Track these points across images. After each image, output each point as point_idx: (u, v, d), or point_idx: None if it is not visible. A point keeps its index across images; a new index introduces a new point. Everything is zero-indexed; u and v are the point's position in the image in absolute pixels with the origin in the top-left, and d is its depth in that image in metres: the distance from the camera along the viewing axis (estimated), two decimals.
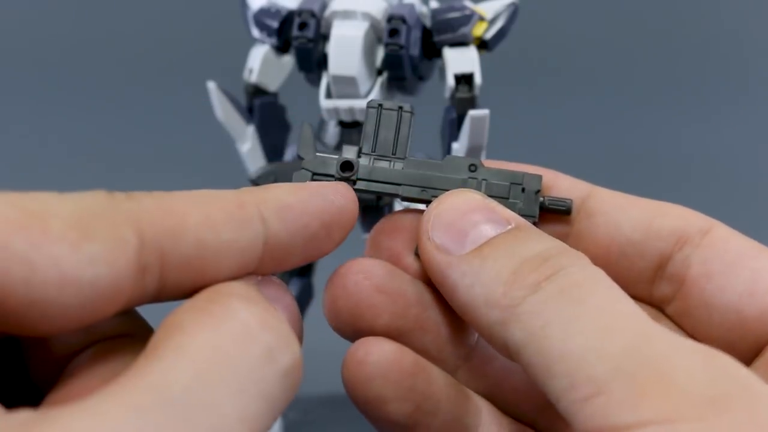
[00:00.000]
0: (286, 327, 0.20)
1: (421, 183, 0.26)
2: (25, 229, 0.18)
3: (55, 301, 0.18)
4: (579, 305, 0.21)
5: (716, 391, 0.19)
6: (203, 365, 0.18)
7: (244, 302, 0.20)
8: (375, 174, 0.26)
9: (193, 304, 0.20)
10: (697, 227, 0.25)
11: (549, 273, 0.22)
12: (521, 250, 0.23)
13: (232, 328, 0.19)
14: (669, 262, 0.26)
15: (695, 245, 0.25)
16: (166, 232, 0.20)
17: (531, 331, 0.21)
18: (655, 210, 0.26)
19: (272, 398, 0.19)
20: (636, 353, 0.19)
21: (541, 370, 0.20)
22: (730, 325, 0.25)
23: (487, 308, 0.22)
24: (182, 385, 0.17)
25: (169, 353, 0.18)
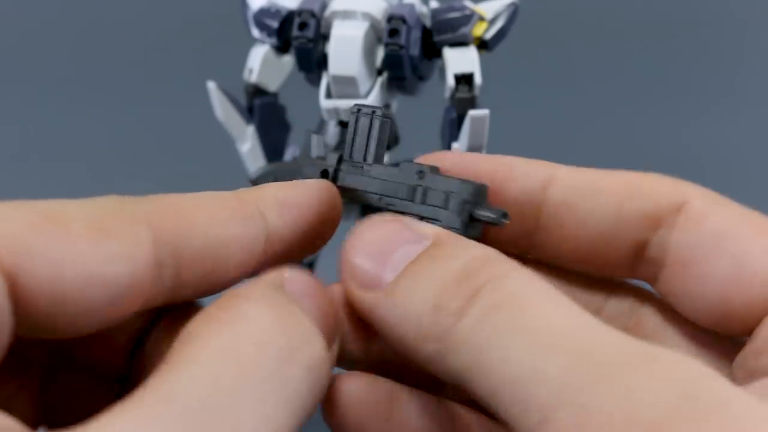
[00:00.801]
0: (306, 323, 0.20)
1: (380, 191, 0.26)
2: (47, 231, 0.18)
3: (82, 298, 0.19)
4: (509, 325, 0.20)
5: (657, 413, 0.17)
6: (218, 372, 0.17)
7: (256, 304, 0.19)
8: (348, 182, 0.26)
9: (205, 312, 0.19)
10: (668, 203, 0.24)
11: (469, 294, 0.20)
12: (439, 272, 0.21)
13: (245, 332, 0.19)
14: (647, 246, 0.24)
15: (669, 226, 0.24)
16: (178, 229, 0.21)
17: (469, 359, 0.20)
18: (623, 192, 0.24)
19: (296, 398, 0.18)
20: (576, 375, 0.18)
21: (490, 398, 0.19)
22: (715, 313, 0.23)
23: (420, 343, 0.21)
24: (198, 394, 0.17)
25: (182, 364, 0.18)
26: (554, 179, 0.25)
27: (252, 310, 0.19)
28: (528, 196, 0.25)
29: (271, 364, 0.18)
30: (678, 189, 0.24)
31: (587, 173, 0.25)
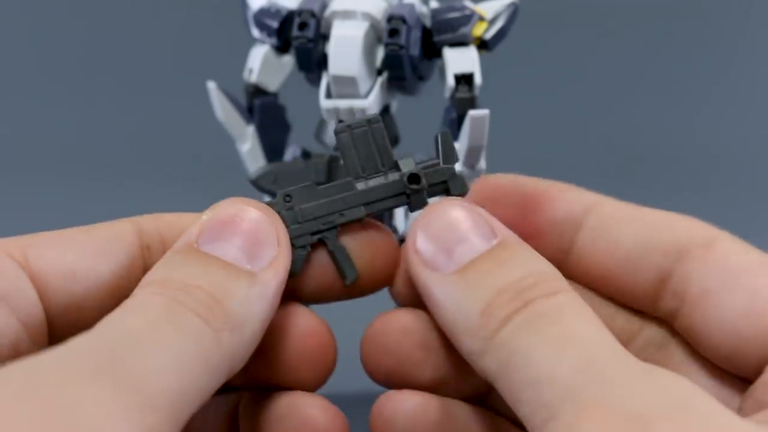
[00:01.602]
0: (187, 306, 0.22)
1: (362, 200, 0.26)
2: (49, 235, 0.25)
3: (90, 270, 0.24)
4: (539, 334, 0.21)
5: (652, 409, 0.19)
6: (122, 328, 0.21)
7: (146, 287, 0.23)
8: (306, 214, 0.26)
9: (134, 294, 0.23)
10: (699, 241, 0.25)
11: (520, 305, 0.22)
12: (501, 276, 0.23)
13: (138, 305, 0.22)
14: (670, 277, 0.25)
15: (696, 261, 0.24)
16: (161, 223, 0.26)
17: (501, 362, 0.22)
18: (658, 223, 0.25)
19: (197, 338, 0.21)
20: (581, 376, 0.20)
21: (510, 398, 0.21)
22: (730, 345, 0.24)
23: (467, 336, 0.23)
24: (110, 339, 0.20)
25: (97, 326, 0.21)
26: (596, 205, 0.26)
27: (150, 307, 0.22)
28: (570, 217, 0.26)
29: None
30: (709, 230, 0.25)
31: (627, 206, 0.26)
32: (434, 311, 0.24)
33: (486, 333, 0.22)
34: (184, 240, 0.24)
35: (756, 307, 0.23)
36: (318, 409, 0.25)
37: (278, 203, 0.26)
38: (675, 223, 0.25)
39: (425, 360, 0.26)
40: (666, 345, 0.26)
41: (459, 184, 0.27)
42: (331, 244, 0.26)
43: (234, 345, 0.22)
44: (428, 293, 0.24)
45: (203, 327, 0.21)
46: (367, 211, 0.26)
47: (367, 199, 0.26)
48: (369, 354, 0.26)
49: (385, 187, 0.26)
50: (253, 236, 0.24)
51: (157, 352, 0.20)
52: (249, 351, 0.23)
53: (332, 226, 0.26)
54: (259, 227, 0.25)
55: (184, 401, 0.20)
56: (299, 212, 0.26)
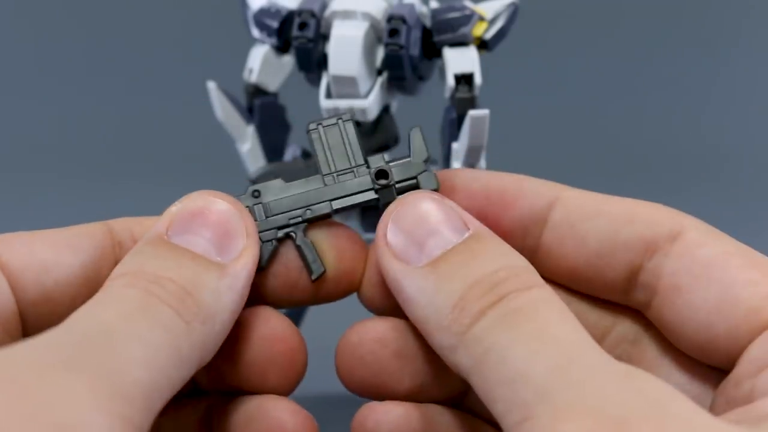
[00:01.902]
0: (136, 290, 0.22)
1: (331, 196, 0.26)
2: (18, 234, 0.25)
3: (59, 263, 0.25)
4: (514, 331, 0.21)
5: (627, 410, 0.19)
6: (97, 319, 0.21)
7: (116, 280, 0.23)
8: (274, 209, 0.26)
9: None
10: (666, 232, 0.24)
11: (493, 300, 0.22)
12: (473, 269, 0.23)
13: (113, 296, 0.22)
14: (641, 271, 0.25)
15: (664, 253, 0.24)
16: (132, 221, 0.26)
17: (474, 357, 0.21)
18: (623, 216, 0.25)
19: (169, 327, 0.21)
20: (558, 377, 0.20)
21: (484, 395, 0.21)
22: (700, 340, 0.24)
23: (439, 332, 0.22)
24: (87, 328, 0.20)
25: (73, 317, 0.21)
26: (560, 199, 0.26)
27: (115, 296, 0.22)
28: (534, 214, 0.26)
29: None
30: (676, 219, 0.25)
31: (591, 197, 0.26)
32: (405, 306, 0.24)
33: (459, 328, 0.22)
34: (154, 232, 0.24)
35: (726, 303, 0.23)
36: (287, 412, 0.25)
37: (246, 198, 0.26)
38: (640, 214, 0.25)
39: (402, 370, 0.25)
40: (639, 340, 0.26)
41: (430, 180, 0.26)
42: (298, 238, 0.26)
43: (205, 336, 0.22)
44: (399, 288, 0.24)
45: (175, 318, 0.22)
46: (336, 207, 0.26)
47: (336, 195, 0.26)
48: (344, 366, 0.26)
49: (354, 184, 0.26)
50: (222, 228, 0.24)
51: (131, 343, 0.20)
52: (219, 342, 0.23)
53: (300, 221, 0.26)
54: (228, 219, 0.25)
55: (156, 391, 0.20)
56: (267, 207, 0.26)
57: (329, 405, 0.53)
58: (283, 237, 0.26)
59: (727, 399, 0.23)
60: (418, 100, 0.44)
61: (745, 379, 0.22)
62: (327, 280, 0.26)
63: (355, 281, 0.27)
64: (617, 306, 0.26)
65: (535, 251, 0.26)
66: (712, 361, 0.24)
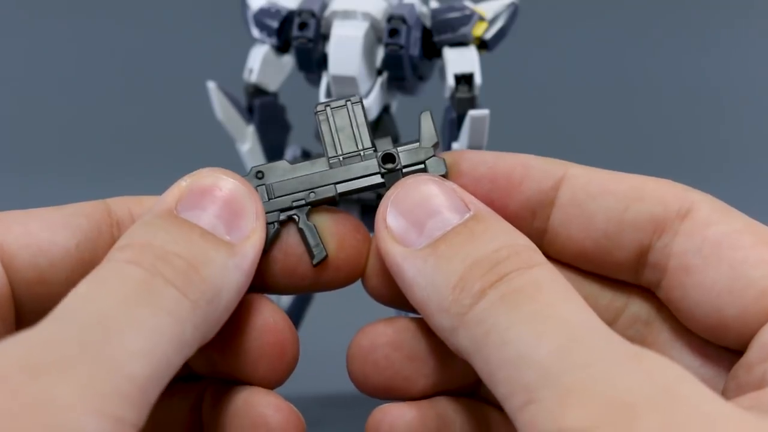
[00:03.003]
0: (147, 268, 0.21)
1: (336, 179, 0.26)
2: (19, 212, 0.25)
3: (53, 243, 0.24)
4: (516, 311, 0.21)
5: (636, 397, 0.18)
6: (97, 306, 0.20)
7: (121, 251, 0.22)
8: (278, 190, 0.26)
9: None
10: (675, 210, 0.24)
11: (494, 279, 0.21)
12: (474, 249, 0.22)
13: (112, 273, 0.21)
14: (650, 250, 0.24)
15: (674, 233, 0.24)
16: (131, 200, 0.26)
17: (476, 339, 0.21)
18: (631, 194, 0.24)
19: (170, 310, 0.21)
20: (563, 359, 0.19)
21: (486, 377, 0.21)
22: (711, 323, 0.23)
23: (439, 314, 0.22)
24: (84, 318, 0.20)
25: (68, 301, 0.21)
26: (566, 178, 0.25)
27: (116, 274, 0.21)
28: (541, 195, 0.25)
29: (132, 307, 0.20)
30: (686, 196, 0.24)
31: (598, 173, 0.25)
32: (406, 290, 0.23)
33: (459, 308, 0.21)
34: (163, 205, 0.24)
35: (737, 284, 0.22)
36: (271, 408, 0.24)
37: (249, 178, 0.26)
38: (649, 191, 0.24)
39: (417, 371, 0.25)
40: (652, 321, 0.26)
41: (438, 166, 0.26)
42: (301, 221, 0.25)
43: (209, 315, 0.22)
44: (399, 271, 0.23)
45: (180, 298, 0.21)
46: (341, 191, 0.26)
47: (341, 178, 0.26)
48: (357, 371, 0.25)
49: (360, 167, 0.26)
50: (232, 207, 0.24)
51: (131, 334, 0.19)
52: (222, 322, 0.23)
53: (303, 204, 0.26)
54: (238, 198, 0.24)
55: (155, 381, 0.20)
56: (270, 188, 0.26)
57: (329, 405, 0.53)
58: (286, 219, 0.26)
59: (738, 383, 0.22)
60: (418, 100, 0.44)
61: (756, 364, 0.22)
62: (328, 266, 0.26)
63: (357, 269, 0.26)
64: (629, 286, 0.26)
65: (543, 233, 0.25)
66: (724, 343, 0.23)
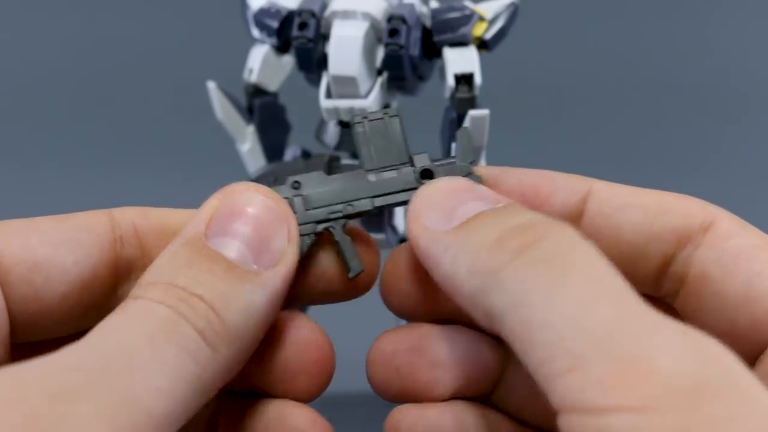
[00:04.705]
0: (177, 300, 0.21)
1: (373, 192, 0.26)
2: (16, 222, 0.24)
3: (51, 260, 0.23)
4: (562, 274, 0.20)
5: (695, 380, 0.17)
6: (125, 340, 0.20)
7: (147, 294, 0.21)
8: (314, 202, 0.25)
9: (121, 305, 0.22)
10: (698, 223, 0.24)
11: (533, 239, 0.21)
12: (506, 220, 0.22)
13: (139, 312, 0.21)
14: (672, 262, 0.25)
15: (696, 244, 0.24)
16: (135, 213, 0.25)
17: (512, 298, 0.20)
18: (656, 208, 0.25)
19: (192, 353, 0.20)
20: (618, 330, 0.18)
21: (521, 340, 0.20)
22: (725, 331, 0.23)
23: (470, 276, 0.21)
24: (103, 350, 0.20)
25: (93, 334, 0.20)
26: (592, 192, 0.25)
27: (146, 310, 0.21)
28: (569, 209, 0.25)
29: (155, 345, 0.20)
30: (707, 210, 0.24)
31: (621, 188, 0.25)
32: (433, 266, 0.23)
33: (495, 264, 0.20)
34: (193, 231, 0.23)
35: (752, 294, 0.23)
36: (307, 421, 0.24)
37: (286, 188, 0.25)
38: (673, 205, 0.25)
39: (438, 378, 0.25)
40: None
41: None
42: (337, 234, 0.25)
43: (229, 360, 0.21)
44: (428, 250, 0.23)
45: (201, 344, 0.21)
46: (377, 204, 0.25)
47: (378, 192, 0.25)
48: (378, 376, 0.25)
49: (398, 181, 0.26)
50: (263, 230, 0.23)
51: (153, 370, 0.19)
52: (243, 362, 0.22)
53: (340, 216, 0.25)
54: (271, 221, 0.23)
55: (172, 420, 0.19)
56: (307, 199, 0.25)
57: (329, 405, 0.53)
58: (321, 232, 0.25)
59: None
60: (418, 100, 0.44)
61: (765, 378, 0.22)
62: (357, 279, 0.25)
63: (370, 280, 0.26)
64: (649, 298, 0.26)
65: None
66: (739, 353, 0.24)
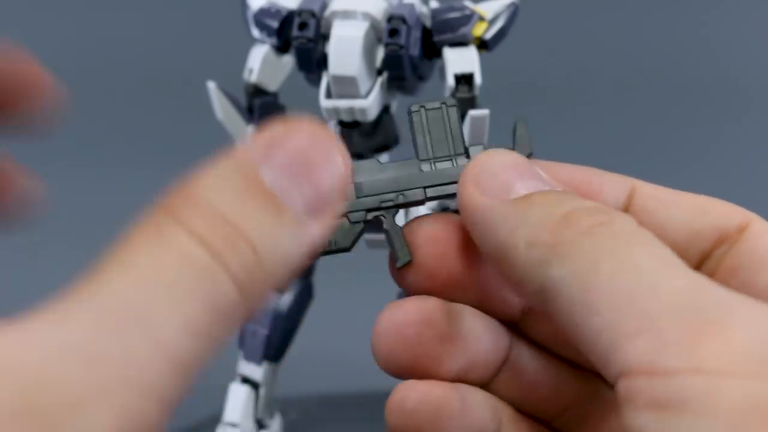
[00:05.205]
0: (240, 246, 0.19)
1: (427, 182, 0.25)
2: None
3: None
4: (633, 248, 0.20)
5: None
6: (145, 277, 0.18)
7: (191, 216, 0.19)
8: (366, 189, 0.25)
9: (147, 215, 0.19)
10: (736, 223, 0.25)
11: (603, 220, 0.21)
12: (572, 201, 0.22)
13: (177, 242, 0.19)
14: (707, 260, 0.25)
15: (732, 242, 0.24)
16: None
17: (577, 268, 0.20)
18: (698, 207, 0.25)
19: (222, 308, 0.18)
20: (695, 295, 0.18)
21: (581, 308, 0.19)
22: None
23: (528, 248, 0.21)
24: (121, 297, 0.17)
25: (111, 267, 0.18)
26: (636, 189, 0.26)
27: (183, 230, 0.19)
28: (618, 203, 0.25)
29: (195, 279, 0.18)
30: (744, 212, 0.25)
31: (663, 189, 0.26)
32: (485, 234, 0.22)
33: (560, 239, 0.20)
34: (248, 156, 0.20)
35: None
36: None
37: None
38: (713, 206, 0.25)
39: (445, 353, 0.24)
40: None
41: None
42: (387, 223, 0.25)
43: (254, 309, 0.20)
44: (483, 220, 0.22)
45: (235, 297, 0.19)
46: (430, 195, 0.25)
47: (431, 182, 0.25)
48: (383, 344, 0.24)
49: (452, 172, 0.25)
50: (328, 186, 0.21)
51: (174, 322, 0.18)
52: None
53: (392, 205, 0.25)
54: (338, 183, 0.21)
55: (181, 395, 0.18)
56: (359, 186, 0.25)
57: (329, 405, 0.53)
58: (372, 220, 0.25)
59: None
60: (418, 101, 0.44)
61: None
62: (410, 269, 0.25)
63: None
64: None
65: None
66: None
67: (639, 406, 0.17)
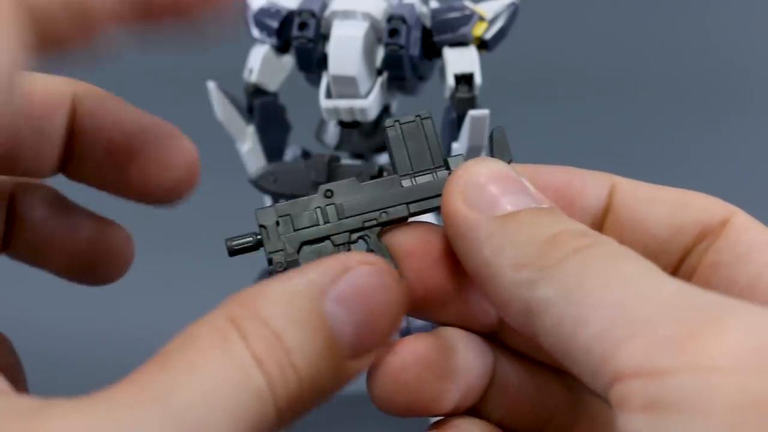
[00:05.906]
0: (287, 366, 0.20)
1: (409, 198, 0.25)
2: None
3: None
4: (620, 262, 0.20)
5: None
6: (209, 387, 0.18)
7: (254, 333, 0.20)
8: (347, 210, 0.25)
9: (214, 318, 0.20)
10: (718, 217, 0.24)
11: (590, 243, 0.21)
12: (560, 222, 0.22)
13: (240, 359, 0.19)
14: (688, 255, 0.25)
15: (714, 237, 0.24)
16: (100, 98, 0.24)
17: (565, 286, 0.20)
18: (679, 202, 0.25)
19: (261, 430, 0.19)
20: (687, 298, 0.18)
21: (570, 323, 0.19)
22: None
23: (513, 269, 0.21)
24: (186, 401, 0.18)
25: (180, 366, 0.19)
26: (615, 185, 0.26)
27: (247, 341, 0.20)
28: (599, 202, 0.25)
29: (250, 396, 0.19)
30: (726, 206, 0.25)
31: (642, 184, 0.26)
32: (471, 251, 0.22)
33: (548, 261, 0.20)
34: (319, 281, 0.21)
35: (762, 281, 0.23)
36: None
37: (319, 198, 0.25)
38: (694, 200, 0.25)
39: (444, 390, 0.24)
40: None
41: None
42: (372, 243, 0.24)
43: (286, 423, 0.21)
44: (468, 232, 0.22)
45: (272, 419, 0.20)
46: (413, 210, 0.25)
47: (413, 198, 0.25)
48: (384, 391, 0.24)
49: (433, 186, 0.25)
50: (381, 329, 0.22)
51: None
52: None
53: (375, 224, 0.25)
54: (393, 321, 0.22)
55: None
56: (340, 208, 0.25)
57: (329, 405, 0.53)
58: (356, 241, 0.25)
59: None
60: (418, 100, 0.44)
61: None
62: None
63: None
64: None
65: None
66: None
67: (633, 408, 0.17)
